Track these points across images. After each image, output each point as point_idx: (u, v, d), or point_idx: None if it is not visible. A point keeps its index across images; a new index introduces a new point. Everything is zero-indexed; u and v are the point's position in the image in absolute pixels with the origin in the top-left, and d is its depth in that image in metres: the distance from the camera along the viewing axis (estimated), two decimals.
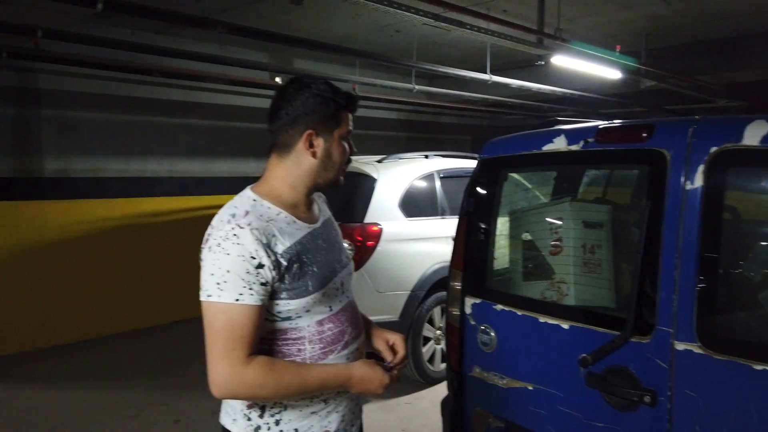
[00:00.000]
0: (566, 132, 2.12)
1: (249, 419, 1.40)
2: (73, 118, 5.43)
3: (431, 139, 9.77)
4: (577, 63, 5.23)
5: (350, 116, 1.49)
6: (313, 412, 1.42)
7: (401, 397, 4.11)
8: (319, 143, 1.43)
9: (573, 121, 2.32)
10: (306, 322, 1.40)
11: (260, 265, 1.30)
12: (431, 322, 4.30)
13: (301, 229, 1.43)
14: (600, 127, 2.03)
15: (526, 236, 2.52)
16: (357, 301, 1.65)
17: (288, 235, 1.38)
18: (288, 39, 4.36)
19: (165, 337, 5.65)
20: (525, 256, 2.48)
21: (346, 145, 1.49)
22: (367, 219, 3.99)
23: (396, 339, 1.65)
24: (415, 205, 4.31)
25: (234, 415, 1.43)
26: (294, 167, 1.44)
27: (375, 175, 4.17)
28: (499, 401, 2.23)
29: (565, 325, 2.01)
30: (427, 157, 4.77)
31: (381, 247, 3.96)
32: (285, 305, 1.36)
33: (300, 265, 1.37)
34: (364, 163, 4.36)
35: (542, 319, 2.09)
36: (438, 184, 4.51)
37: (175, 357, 5.02)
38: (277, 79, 6.28)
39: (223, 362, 1.28)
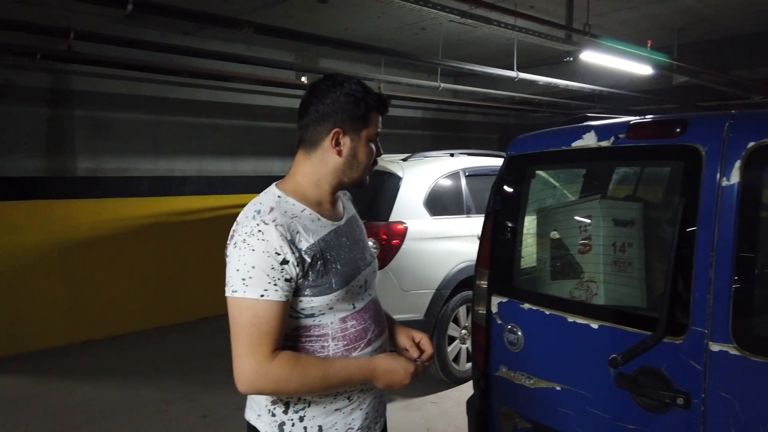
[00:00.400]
0: (596, 128, 2.08)
1: (273, 415, 1.41)
2: (104, 119, 5.54)
3: (457, 138, 9.71)
4: (606, 59, 5.14)
5: (380, 118, 1.49)
6: (336, 409, 1.42)
7: (426, 396, 4.10)
8: (346, 142, 1.43)
9: (603, 118, 2.28)
10: (329, 319, 1.40)
11: (285, 261, 1.30)
12: (456, 321, 4.27)
13: (325, 226, 1.43)
14: (632, 122, 1.99)
15: (555, 234, 2.48)
16: (382, 299, 1.65)
17: (312, 232, 1.38)
18: (314, 38, 4.38)
19: (193, 333, 5.73)
20: (553, 255, 2.44)
21: (373, 147, 1.49)
22: (393, 217, 3.98)
23: (423, 337, 1.65)
24: (440, 203, 4.28)
25: (259, 410, 1.43)
26: (320, 164, 1.44)
27: (400, 174, 4.15)
28: (526, 401, 2.20)
29: (595, 325, 1.97)
30: (452, 155, 4.73)
31: (406, 245, 3.94)
32: (308, 302, 1.36)
33: (324, 263, 1.37)
34: (389, 161, 4.35)
35: (571, 319, 2.05)
36: (464, 182, 4.48)
37: (203, 353, 5.08)
38: (303, 79, 6.31)
39: (249, 357, 1.28)
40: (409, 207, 4.09)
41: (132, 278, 5.71)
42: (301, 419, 1.40)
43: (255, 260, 1.28)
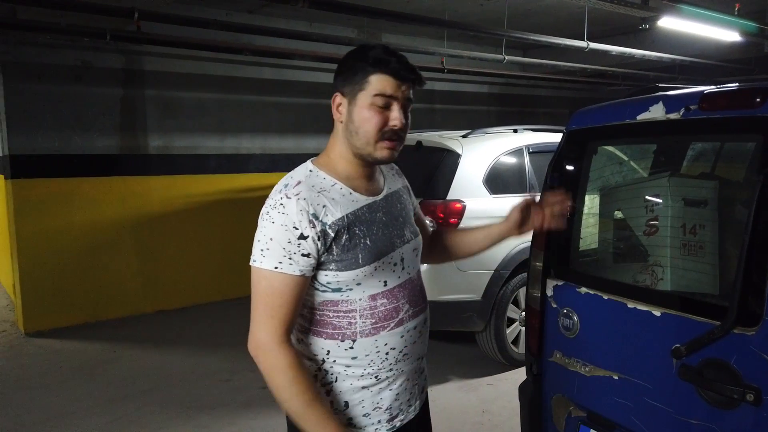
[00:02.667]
0: (664, 99, 1.91)
1: None
2: (174, 98, 5.72)
3: (525, 113, 9.37)
4: (687, 25, 4.76)
5: (390, 80, 1.33)
6: (364, 387, 1.41)
7: (483, 378, 4.03)
8: (343, 106, 1.38)
9: (676, 88, 2.09)
10: (357, 295, 1.38)
11: (302, 236, 1.29)
12: (516, 302, 4.16)
13: (357, 201, 1.39)
14: (705, 92, 1.81)
15: (618, 214, 2.33)
16: (437, 278, 1.64)
17: (341, 206, 1.35)
18: (371, 11, 4.30)
19: None
20: (615, 236, 2.30)
21: (380, 112, 1.33)
22: (450, 196, 3.89)
23: (521, 206, 1.66)
24: (501, 181, 4.15)
25: None
26: (335, 135, 1.43)
27: (459, 151, 4.05)
28: (581, 389, 2.10)
29: (657, 312, 1.84)
30: (515, 131, 4.56)
31: (464, 224, 3.85)
32: (334, 276, 1.35)
33: (350, 237, 1.34)
34: (448, 138, 4.25)
35: (631, 305, 1.92)
36: (527, 159, 4.31)
37: None
38: None
39: (261, 327, 1.32)
40: (467, 185, 3.98)
41: (200, 252, 5.94)
42: (328, 393, 1.41)
43: (273, 233, 1.30)
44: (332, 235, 1.32)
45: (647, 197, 2.16)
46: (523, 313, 4.19)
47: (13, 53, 4.81)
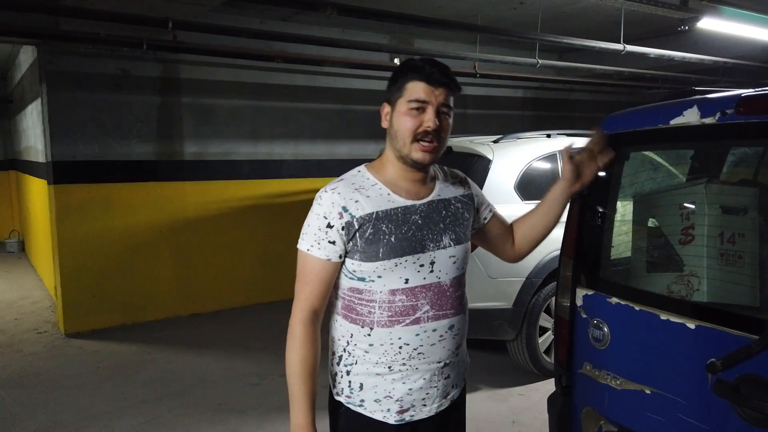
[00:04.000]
0: (699, 103, 1.84)
1: (331, 365, 1.60)
2: (208, 105, 5.83)
3: (561, 118, 9.22)
4: (728, 26, 4.60)
5: (425, 86, 1.46)
6: (378, 374, 1.51)
7: (514, 388, 3.96)
8: (388, 112, 1.52)
9: (714, 92, 2.01)
10: (378, 287, 1.49)
11: (329, 225, 1.46)
12: (548, 311, 4.07)
13: (394, 201, 1.51)
14: (742, 96, 1.73)
15: (651, 222, 2.25)
16: (468, 286, 1.67)
17: (374, 202, 1.49)
18: (401, 17, 4.29)
19: (287, 312, 5.90)
20: (649, 245, 2.22)
21: (415, 116, 1.46)
22: None
23: (574, 160, 1.78)
24: (533, 187, 4.07)
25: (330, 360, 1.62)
26: (387, 141, 1.56)
27: (490, 156, 3.99)
28: (612, 403, 2.03)
29: (691, 325, 1.76)
30: (549, 136, 4.48)
31: None
32: (358, 266, 1.49)
33: (374, 232, 1.46)
34: (478, 143, 4.20)
35: (664, 317, 1.85)
36: (560, 165, 4.22)
37: None
38: (396, 61, 6.25)
39: (295, 300, 1.52)
40: (498, 191, 3.92)
41: (233, 257, 6.02)
42: (348, 373, 1.54)
43: (311, 220, 1.50)
44: (356, 227, 1.46)
45: (683, 204, 2.09)
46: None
47: (56, 63, 4.98)
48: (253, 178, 6.14)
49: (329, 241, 1.47)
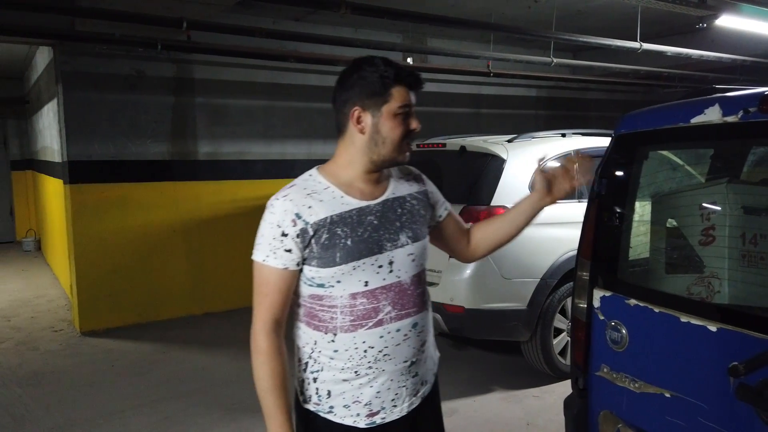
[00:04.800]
0: (721, 101, 1.80)
1: (299, 371, 1.58)
2: (222, 105, 5.86)
3: (575, 117, 9.14)
4: (748, 24, 4.53)
5: (407, 92, 1.47)
6: (344, 380, 1.49)
7: (529, 389, 3.92)
8: (367, 119, 1.47)
9: (735, 90, 1.97)
10: (339, 292, 1.47)
11: (284, 234, 1.43)
12: (564, 312, 4.03)
13: (348, 204, 1.48)
14: (766, 93, 1.69)
15: (671, 222, 2.22)
16: (482, 287, 1.69)
17: (327, 206, 1.46)
18: (414, 16, 4.27)
19: None
20: (668, 245, 2.19)
21: (402, 121, 1.47)
22: (495, 202, 3.81)
23: (546, 175, 1.74)
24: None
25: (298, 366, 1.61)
26: (350, 146, 1.50)
27: (504, 156, 3.96)
28: (631, 406, 2.00)
29: (713, 327, 1.73)
30: (564, 135, 4.43)
31: None
32: (316, 272, 1.46)
33: (330, 237, 1.44)
34: (492, 143, 4.17)
35: (684, 319, 1.81)
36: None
37: None
38: (409, 60, 6.23)
39: (255, 313, 1.50)
40: (513, 191, 3.88)
41: (246, 255, 5.92)
42: (315, 380, 1.52)
43: (264, 229, 1.47)
44: (311, 233, 1.43)
45: (703, 204, 2.05)
46: (571, 324, 4.06)
47: (72, 63, 5.03)
48: (266, 177, 6.15)
49: (285, 250, 1.44)
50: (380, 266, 1.48)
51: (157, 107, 5.49)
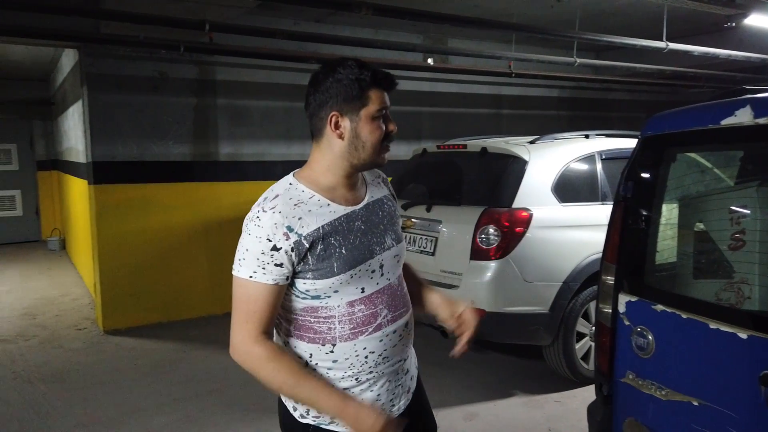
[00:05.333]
0: (752, 102, 1.75)
1: None
2: (243, 106, 5.89)
3: (598, 118, 9.01)
4: None
5: (383, 94, 1.45)
6: (345, 388, 1.47)
7: (550, 394, 3.87)
8: (345, 124, 1.44)
9: (766, 91, 1.92)
10: (336, 302, 1.44)
11: (275, 248, 1.37)
12: (586, 316, 3.96)
13: (335, 211, 1.45)
14: None
15: (699, 226, 2.16)
16: (503, 290, 1.66)
17: (317, 217, 1.42)
18: (436, 17, 4.25)
19: None
20: (696, 250, 2.14)
21: (381, 124, 1.45)
22: (516, 204, 3.76)
23: (466, 312, 1.62)
24: (571, 189, 3.98)
25: None
26: (327, 151, 1.47)
27: (526, 157, 3.91)
28: (657, 414, 1.95)
29: (743, 335, 1.68)
30: (587, 136, 4.37)
31: (530, 233, 3.71)
32: (312, 285, 1.42)
33: (325, 247, 1.41)
34: (514, 144, 4.12)
35: (713, 326, 1.77)
36: (599, 166, 4.12)
37: None
38: (429, 60, 6.20)
39: (238, 330, 1.42)
40: (535, 193, 3.84)
41: None
42: None
43: (249, 244, 1.39)
44: (307, 246, 1.39)
45: (733, 208, 2.00)
46: (594, 328, 4.00)
47: (97, 65, 5.10)
48: None
49: (276, 264, 1.37)
50: (373, 271, 1.48)
51: (180, 108, 5.54)
